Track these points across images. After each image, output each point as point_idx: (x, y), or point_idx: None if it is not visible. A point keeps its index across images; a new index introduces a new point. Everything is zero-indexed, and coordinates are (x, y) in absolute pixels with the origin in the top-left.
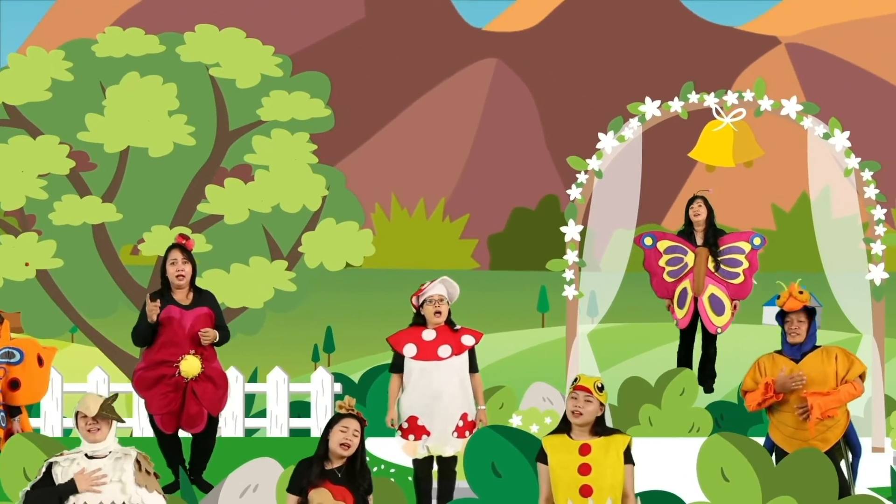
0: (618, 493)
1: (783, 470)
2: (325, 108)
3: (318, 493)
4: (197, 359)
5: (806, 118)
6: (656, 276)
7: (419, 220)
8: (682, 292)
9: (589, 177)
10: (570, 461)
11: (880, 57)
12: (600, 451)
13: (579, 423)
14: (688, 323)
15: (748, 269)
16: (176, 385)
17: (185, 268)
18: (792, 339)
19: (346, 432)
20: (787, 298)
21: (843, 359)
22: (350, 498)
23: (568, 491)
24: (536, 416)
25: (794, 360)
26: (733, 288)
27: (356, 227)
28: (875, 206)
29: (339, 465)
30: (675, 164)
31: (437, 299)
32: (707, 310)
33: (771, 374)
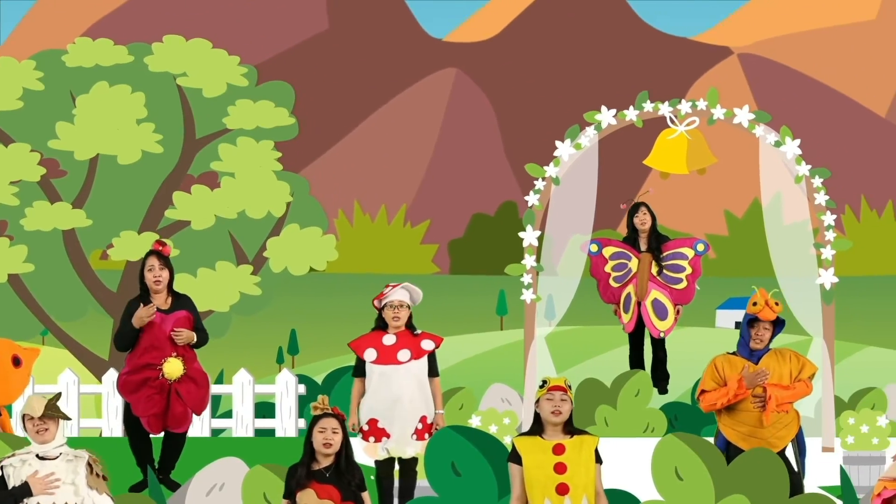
0: (591, 491)
1: (736, 469)
2: (290, 116)
3: (304, 495)
4: (179, 361)
5: (758, 126)
6: (602, 282)
7: (381, 226)
8: (627, 297)
9: (546, 183)
10: (545, 461)
11: (830, 67)
12: (574, 450)
13: (557, 423)
14: (633, 327)
15: (691, 275)
16: (160, 387)
17: (161, 273)
18: (755, 345)
19: (324, 432)
20: (764, 307)
21: (796, 360)
22: (337, 496)
23: (544, 490)
24: (495, 416)
25: (751, 361)
26: (676, 293)
27: (320, 232)
28: (825, 212)
29: (327, 464)
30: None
31: (396, 304)
32: (650, 314)
33: (729, 374)
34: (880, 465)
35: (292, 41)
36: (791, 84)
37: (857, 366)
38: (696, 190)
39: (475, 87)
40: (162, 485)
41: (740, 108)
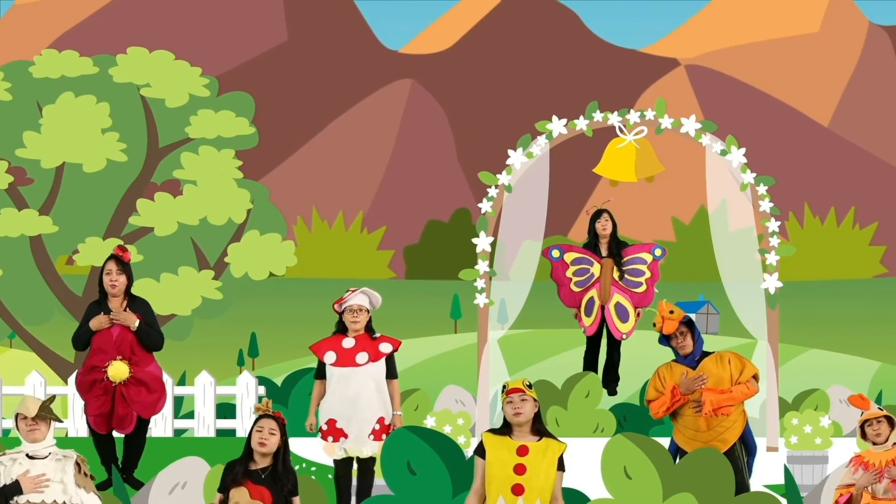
0: (547, 496)
1: (683, 468)
2: (250, 126)
3: (237, 492)
4: (124, 364)
5: (704, 136)
6: (564, 287)
7: (338, 232)
8: (590, 301)
9: (499, 191)
10: (507, 459)
11: (774, 78)
12: (537, 454)
13: (521, 423)
14: (595, 330)
15: (650, 279)
16: (105, 389)
17: (118, 278)
18: (683, 353)
19: (261, 432)
20: (663, 322)
21: (736, 362)
22: (269, 498)
23: (501, 487)
24: (449, 417)
25: (690, 367)
26: (637, 296)
27: (279, 238)
28: (769, 219)
29: (265, 465)
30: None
31: (355, 308)
32: (613, 317)
33: (670, 382)
34: (823, 465)
35: (252, 53)
36: (736, 95)
37: (800, 368)
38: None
39: (430, 97)
40: (126, 483)
41: (687, 118)
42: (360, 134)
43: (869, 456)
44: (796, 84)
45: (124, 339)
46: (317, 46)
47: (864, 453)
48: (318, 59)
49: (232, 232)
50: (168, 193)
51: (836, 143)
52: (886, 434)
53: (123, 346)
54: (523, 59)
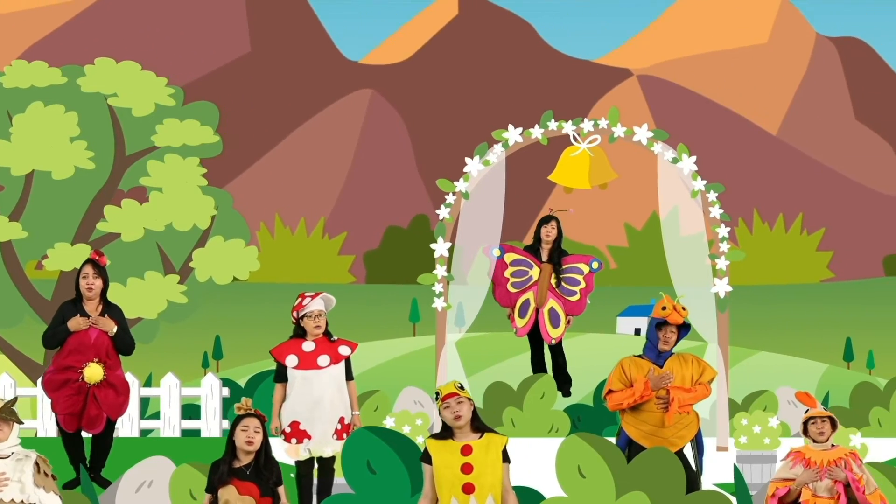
0: (498, 490)
1: (635, 467)
2: (214, 134)
3: (225, 491)
4: (100, 366)
5: (656, 144)
6: (500, 287)
7: (300, 238)
8: (525, 303)
9: (456, 198)
10: (453, 461)
11: (724, 88)
12: (481, 451)
13: (461, 425)
14: (527, 331)
15: (585, 289)
16: (79, 389)
17: (95, 282)
18: (662, 347)
19: (247, 430)
20: (672, 312)
21: (697, 364)
22: (256, 492)
23: (452, 489)
24: (408, 417)
25: (656, 364)
26: (570, 304)
27: (242, 244)
28: (720, 225)
29: (248, 462)
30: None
31: (316, 314)
32: (546, 321)
33: (636, 376)
34: (772, 464)
35: (217, 63)
36: (687, 104)
37: (749, 370)
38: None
39: (389, 106)
40: (94, 482)
41: (639, 127)
42: (321, 142)
43: (809, 453)
44: (746, 94)
45: (101, 343)
46: (279, 57)
47: (804, 449)
48: (280, 70)
49: (197, 238)
50: (134, 200)
51: (785, 151)
52: (829, 434)
53: (100, 349)
54: (480, 69)
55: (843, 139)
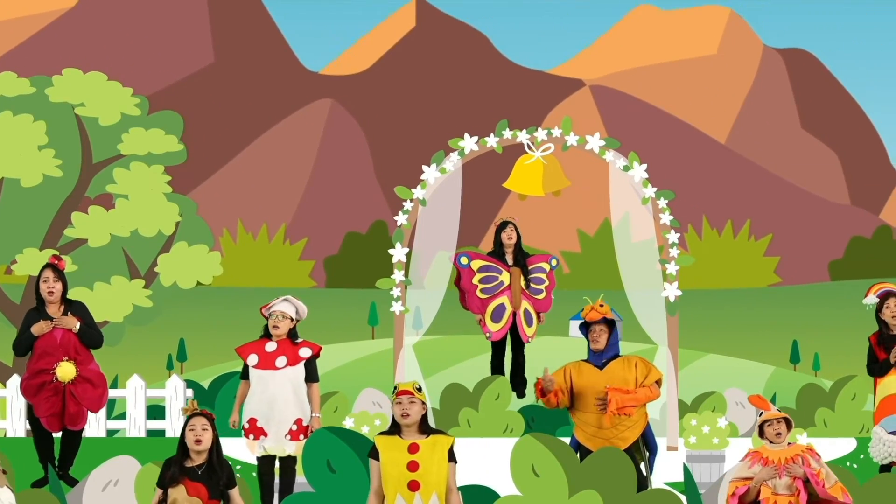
0: (442, 489)
1: (588, 467)
2: (179, 143)
3: (175, 491)
4: (71, 364)
5: (608, 152)
6: (470, 294)
7: (262, 244)
8: (499, 307)
9: (414, 205)
10: (400, 458)
11: (674, 98)
12: (427, 450)
13: (408, 424)
14: (502, 335)
15: (549, 286)
16: (55, 389)
17: (55, 285)
18: (593, 346)
19: (194, 430)
20: (590, 311)
21: (642, 366)
22: (205, 494)
23: (397, 485)
24: (367, 418)
25: (597, 366)
26: (538, 302)
27: (206, 249)
28: (669, 231)
29: (200, 462)
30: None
31: (278, 315)
32: (522, 322)
33: (576, 379)
34: (720, 463)
35: (181, 74)
36: (638, 113)
37: (698, 372)
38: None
39: (349, 116)
40: (61, 481)
41: (592, 136)
42: (282, 151)
43: (766, 452)
44: (695, 103)
45: (68, 341)
46: (242, 68)
47: (761, 449)
48: (242, 80)
49: (161, 243)
50: (101, 207)
51: (733, 159)
52: (785, 434)
53: (68, 347)
54: (437, 79)
55: (789, 148)
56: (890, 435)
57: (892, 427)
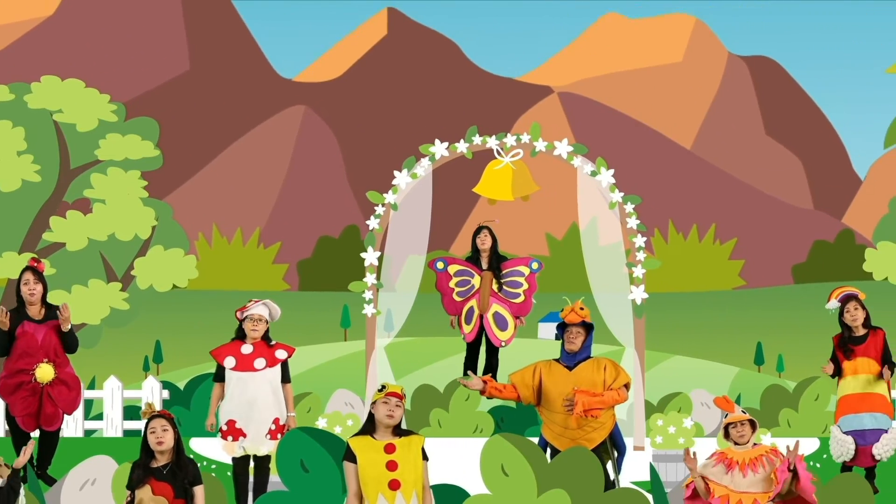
0: (420, 486)
1: (556, 466)
2: (155, 149)
3: (141, 491)
4: (50, 366)
5: (576, 158)
6: (447, 296)
7: (237, 247)
8: (470, 310)
9: (386, 209)
10: (378, 459)
11: (641, 104)
12: (403, 449)
13: (389, 424)
14: (474, 337)
15: (528, 290)
16: (33, 390)
17: (36, 287)
18: (568, 347)
19: (154, 432)
20: (570, 312)
21: (612, 369)
22: (170, 493)
23: (378, 486)
24: (339, 418)
25: (568, 367)
26: (515, 306)
27: (182, 253)
28: (636, 235)
29: (165, 462)
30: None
31: (256, 318)
32: (492, 326)
33: (546, 378)
34: None
35: (157, 81)
36: (606, 120)
37: (665, 373)
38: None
39: (321, 122)
40: (40, 479)
41: (560, 142)
42: (256, 156)
43: (731, 453)
44: (661, 110)
45: (49, 343)
46: (217, 75)
47: (726, 450)
48: (217, 87)
49: (138, 247)
50: (79, 211)
51: (698, 164)
52: (749, 436)
53: (49, 349)
54: (408, 86)
55: (754, 153)
56: (844, 434)
57: (847, 426)
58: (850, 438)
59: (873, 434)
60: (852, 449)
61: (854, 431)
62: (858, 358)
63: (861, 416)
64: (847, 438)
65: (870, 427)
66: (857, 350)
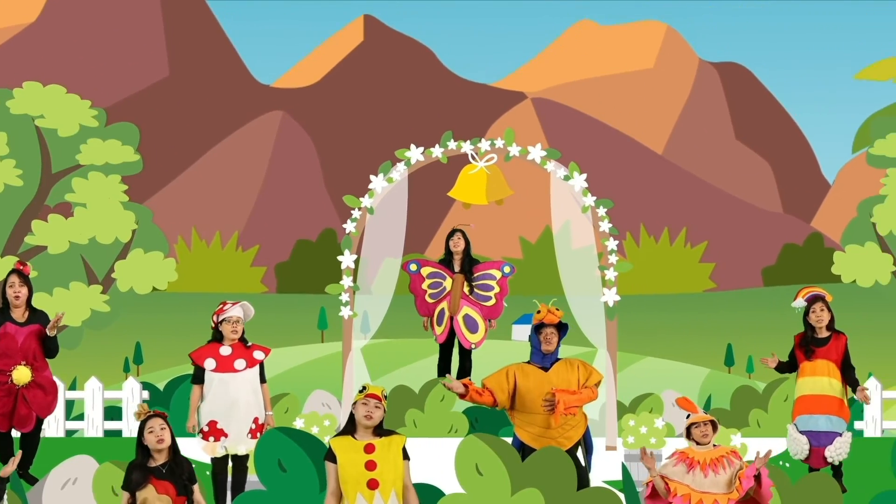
0: (399, 486)
1: (529, 465)
2: (135, 153)
3: (144, 491)
4: (27, 369)
5: (549, 162)
6: (420, 298)
7: (216, 250)
8: (441, 312)
9: (362, 213)
10: (357, 459)
11: (613, 110)
12: (383, 449)
13: (368, 425)
14: (445, 338)
15: (499, 293)
16: (9, 391)
17: (21, 290)
18: (545, 348)
19: (153, 431)
20: (547, 313)
21: (583, 369)
22: (173, 491)
23: (357, 485)
24: (317, 419)
25: (542, 368)
26: (486, 309)
27: (161, 256)
28: (608, 238)
29: (164, 461)
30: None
31: (234, 320)
32: (462, 328)
33: (521, 380)
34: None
35: (138, 87)
36: (579, 125)
37: (636, 374)
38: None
39: (299, 127)
40: (22, 479)
41: (533, 147)
42: (235, 161)
43: (693, 453)
44: (633, 115)
45: (28, 346)
46: (196, 81)
47: (687, 450)
48: (197, 93)
49: (118, 250)
50: (60, 215)
51: (669, 169)
52: (711, 436)
53: (27, 352)
54: (384, 92)
55: (724, 158)
56: (800, 434)
57: (803, 426)
58: (804, 438)
59: (827, 436)
60: (806, 449)
61: (809, 432)
62: (819, 360)
63: (816, 417)
64: (802, 438)
65: (824, 429)
66: (819, 352)
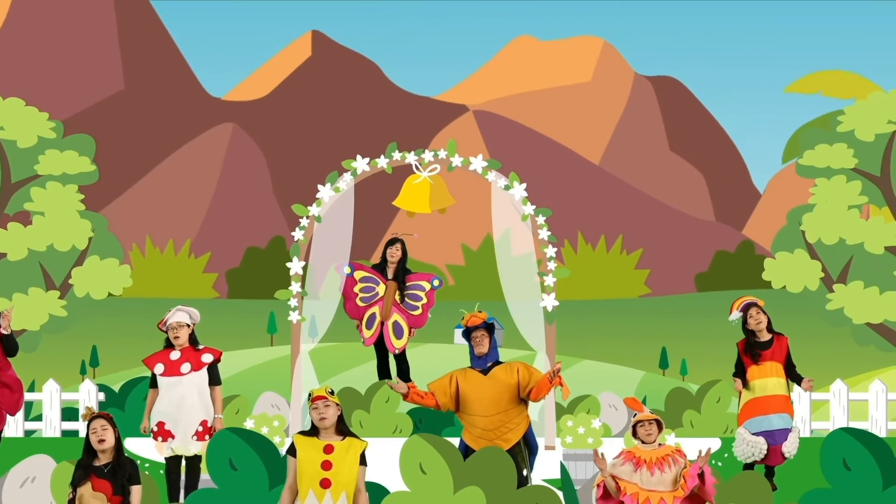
0: (352, 489)
1: (471, 465)
2: (91, 164)
3: (82, 489)
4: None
5: (490, 172)
6: (350, 300)
7: (169, 257)
8: (371, 316)
9: (310, 221)
10: (315, 457)
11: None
12: (341, 451)
13: (326, 427)
14: (374, 341)
15: (426, 304)
16: None
17: None
18: (478, 350)
19: (95, 432)
20: (471, 317)
21: (524, 370)
22: (109, 490)
23: (311, 482)
24: (266, 419)
25: (482, 372)
26: (412, 318)
27: (117, 263)
28: (547, 246)
29: (107, 461)
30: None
31: (175, 326)
32: (390, 333)
33: (463, 384)
34: None
35: (94, 99)
36: (519, 136)
37: (574, 376)
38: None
39: (249, 138)
40: None
41: (475, 157)
42: (188, 171)
43: (639, 452)
44: (571, 127)
45: None
46: (150, 94)
47: (634, 449)
48: (151, 106)
49: (75, 257)
50: (19, 223)
51: (606, 179)
52: (656, 435)
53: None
54: (331, 105)
55: (659, 168)
56: (753, 436)
57: (756, 428)
58: (761, 439)
59: (781, 434)
60: (765, 449)
61: (764, 432)
62: (766, 362)
63: (770, 417)
64: (758, 439)
65: (778, 427)
66: (765, 355)
